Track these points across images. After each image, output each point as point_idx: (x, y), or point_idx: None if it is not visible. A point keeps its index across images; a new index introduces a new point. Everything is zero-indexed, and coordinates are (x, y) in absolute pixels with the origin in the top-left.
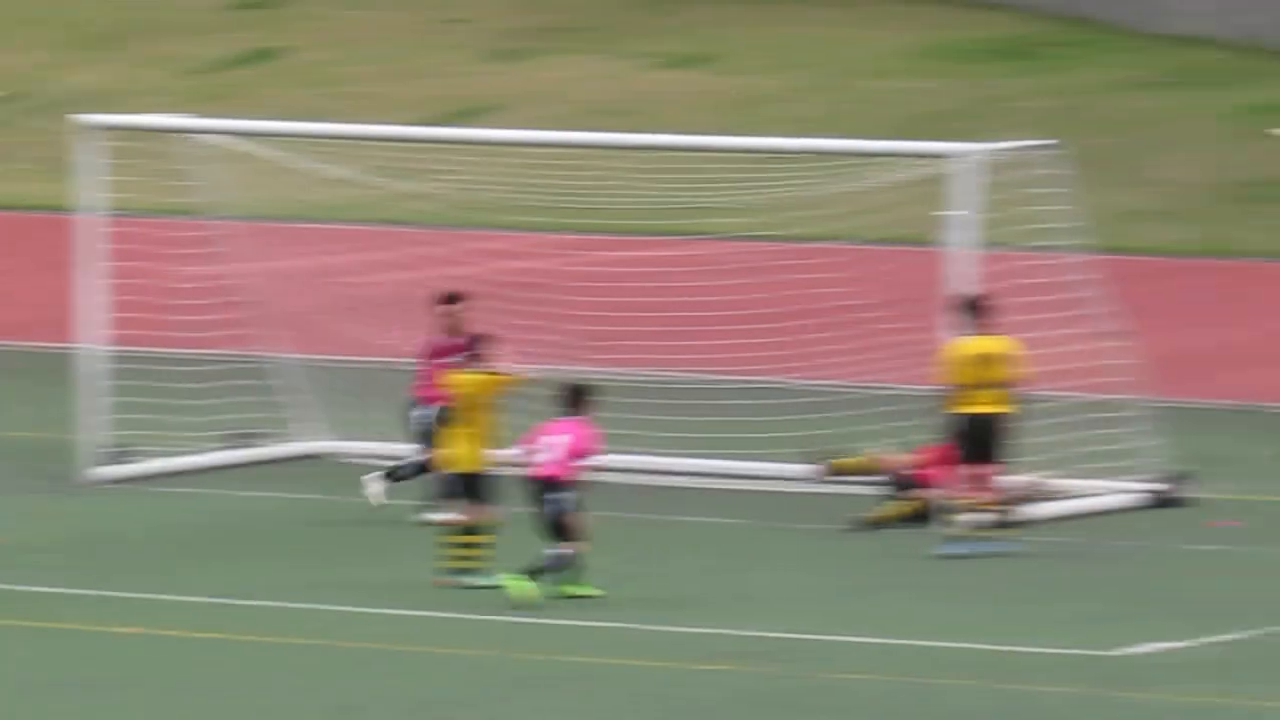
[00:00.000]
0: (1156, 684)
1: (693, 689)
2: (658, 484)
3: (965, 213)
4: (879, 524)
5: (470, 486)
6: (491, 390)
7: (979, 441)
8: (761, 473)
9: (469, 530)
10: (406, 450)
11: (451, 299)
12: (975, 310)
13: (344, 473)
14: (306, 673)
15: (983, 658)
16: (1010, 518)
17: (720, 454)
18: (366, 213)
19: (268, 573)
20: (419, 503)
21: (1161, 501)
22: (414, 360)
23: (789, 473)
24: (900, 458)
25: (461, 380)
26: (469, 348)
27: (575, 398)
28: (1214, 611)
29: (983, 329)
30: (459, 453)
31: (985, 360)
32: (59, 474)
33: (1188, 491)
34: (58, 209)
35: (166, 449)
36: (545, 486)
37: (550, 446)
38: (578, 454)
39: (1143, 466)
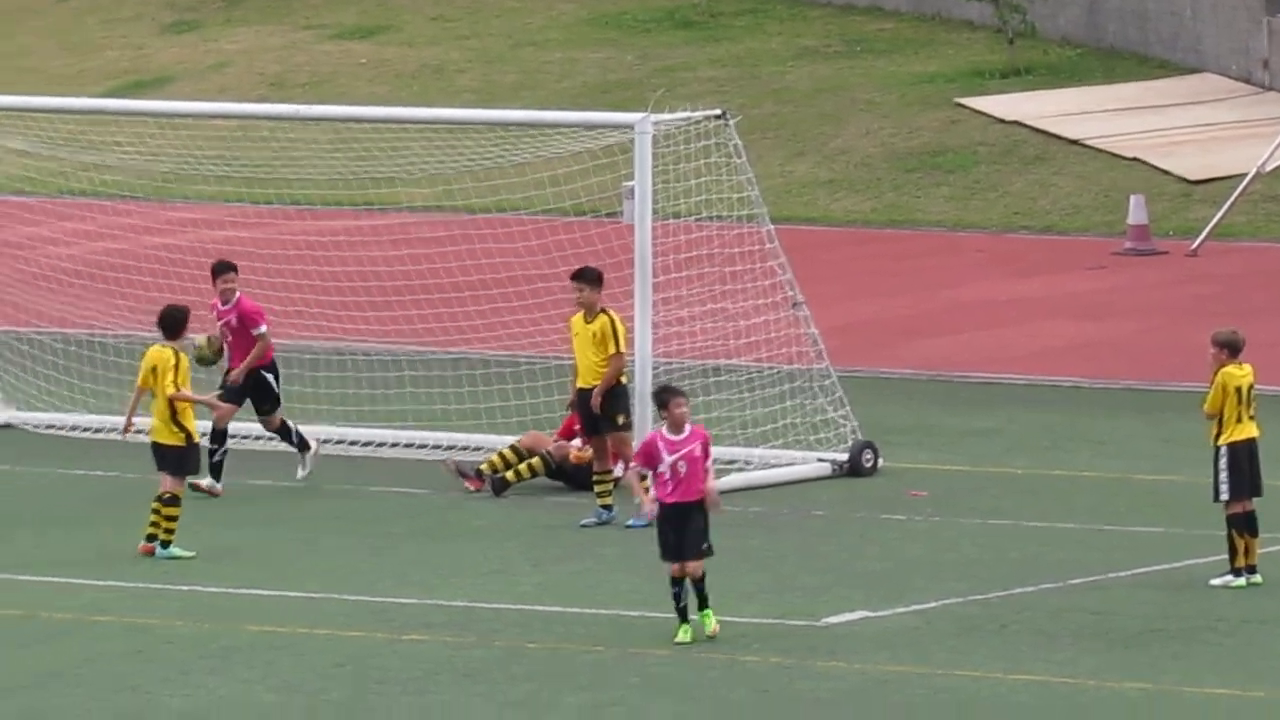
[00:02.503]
0: (856, 654)
1: (388, 659)
2: (340, 454)
3: (639, 184)
4: (505, 484)
5: (163, 458)
6: (173, 364)
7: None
8: (442, 443)
9: (168, 500)
10: (94, 420)
11: (226, 269)
12: None
13: (35, 443)
14: (6, 643)
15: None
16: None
17: (402, 425)
18: (51, 185)
19: None
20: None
21: (848, 471)
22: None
23: (471, 443)
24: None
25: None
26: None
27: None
28: (904, 581)
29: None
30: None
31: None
32: None
33: (873, 461)
34: None
35: None
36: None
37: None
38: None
39: (829, 436)
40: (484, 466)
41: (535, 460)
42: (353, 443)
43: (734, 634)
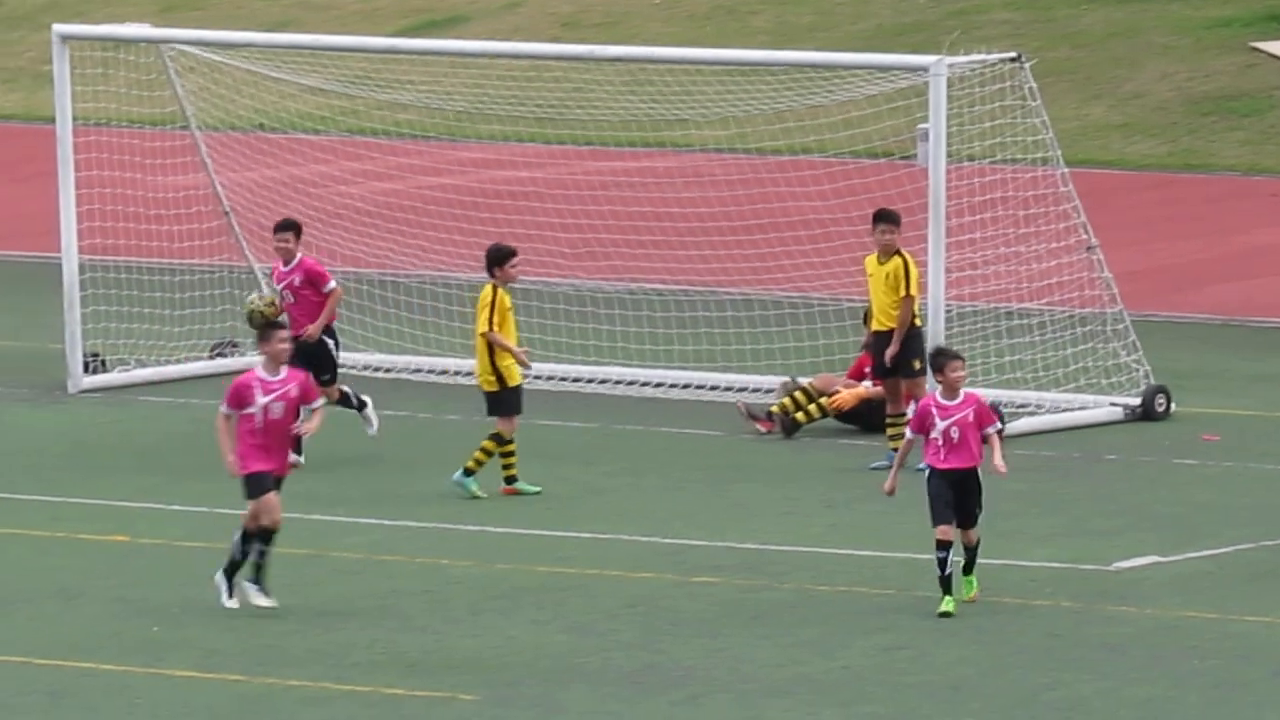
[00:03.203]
0: (1147, 599)
1: (679, 601)
2: (633, 395)
3: (933, 127)
4: (796, 425)
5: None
6: (489, 302)
7: (880, 356)
8: (734, 384)
9: (491, 436)
10: (397, 361)
11: (283, 227)
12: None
13: None
14: (291, 580)
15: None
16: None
17: (694, 366)
18: (342, 124)
19: None
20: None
21: (1141, 415)
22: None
23: (760, 385)
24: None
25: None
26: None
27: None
28: (1196, 526)
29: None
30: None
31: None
32: (41, 383)
33: (1166, 405)
34: (33, 119)
35: (149, 358)
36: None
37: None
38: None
39: (1121, 381)
40: (775, 408)
41: (826, 400)
42: (645, 384)
43: (1025, 578)
